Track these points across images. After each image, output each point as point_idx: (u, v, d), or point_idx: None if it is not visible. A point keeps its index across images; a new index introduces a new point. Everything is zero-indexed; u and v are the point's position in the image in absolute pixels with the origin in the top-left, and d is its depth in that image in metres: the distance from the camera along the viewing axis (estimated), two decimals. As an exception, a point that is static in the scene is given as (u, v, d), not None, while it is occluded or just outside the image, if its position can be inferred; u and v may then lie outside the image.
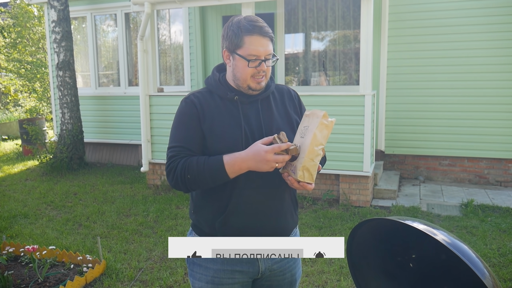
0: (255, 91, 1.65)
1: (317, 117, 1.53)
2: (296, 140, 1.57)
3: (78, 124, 7.77)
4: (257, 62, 1.58)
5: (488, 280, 1.26)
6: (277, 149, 1.44)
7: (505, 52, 6.02)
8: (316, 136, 1.49)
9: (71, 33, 7.63)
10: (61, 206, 5.68)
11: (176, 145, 1.62)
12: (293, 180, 1.52)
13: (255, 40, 1.56)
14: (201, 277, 1.70)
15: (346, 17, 6.97)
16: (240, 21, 1.59)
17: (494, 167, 6.36)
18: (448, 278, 1.49)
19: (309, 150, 1.48)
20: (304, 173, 1.49)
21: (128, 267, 3.80)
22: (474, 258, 1.31)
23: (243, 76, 1.61)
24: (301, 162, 1.49)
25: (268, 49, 1.58)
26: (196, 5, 5.82)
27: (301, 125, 1.60)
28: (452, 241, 1.37)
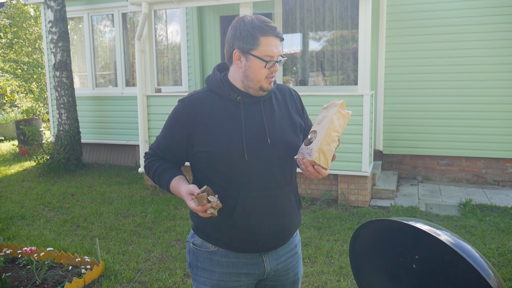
0: (265, 92, 1.64)
1: (335, 105, 1.56)
2: (314, 127, 1.58)
3: (75, 125, 7.74)
4: (272, 63, 1.58)
5: (493, 280, 1.26)
6: (195, 210, 1.46)
7: (503, 52, 6.03)
8: (334, 122, 1.50)
9: (68, 34, 7.59)
10: (59, 207, 5.64)
11: (157, 139, 1.74)
12: (308, 163, 1.49)
13: (270, 41, 1.55)
14: (206, 281, 1.69)
15: (343, 17, 6.97)
16: (254, 22, 1.56)
17: (492, 166, 6.37)
18: (451, 278, 1.49)
19: (326, 133, 1.48)
20: (320, 155, 1.47)
21: (127, 269, 3.78)
22: (478, 258, 1.31)
23: (258, 77, 1.59)
24: (317, 145, 1.48)
25: (280, 50, 1.59)
26: (194, 5, 5.81)
27: (319, 116, 1.62)
28: (456, 241, 1.36)
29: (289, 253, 1.76)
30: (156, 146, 1.73)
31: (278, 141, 1.63)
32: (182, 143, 1.64)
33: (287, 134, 1.67)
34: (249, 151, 1.58)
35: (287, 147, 1.65)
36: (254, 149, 1.59)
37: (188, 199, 1.49)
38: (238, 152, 1.57)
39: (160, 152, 1.72)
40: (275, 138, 1.63)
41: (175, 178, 1.63)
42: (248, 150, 1.57)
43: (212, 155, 1.58)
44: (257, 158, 1.59)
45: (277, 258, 1.71)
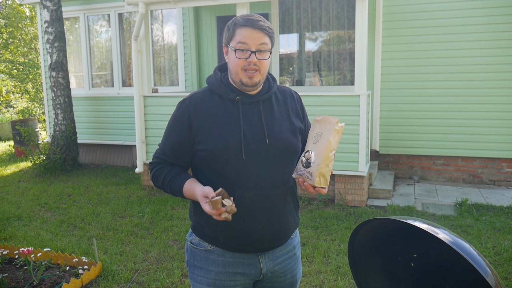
0: (248, 87, 1.61)
1: (330, 123, 1.58)
2: (308, 146, 1.61)
3: (71, 125, 7.72)
4: (246, 53, 1.56)
5: (491, 278, 1.27)
6: (210, 214, 1.45)
7: (499, 52, 6.07)
8: (331, 143, 1.55)
9: (64, 34, 7.57)
10: (55, 207, 5.63)
11: (160, 146, 1.72)
12: (309, 185, 1.56)
13: (245, 31, 1.56)
14: (202, 280, 1.69)
15: (340, 17, 6.99)
16: (237, 18, 1.61)
17: (488, 166, 6.41)
18: (450, 277, 1.50)
19: (325, 156, 1.53)
20: (321, 178, 1.54)
21: (124, 269, 3.78)
22: (476, 256, 1.32)
23: (235, 68, 1.60)
24: (317, 169, 1.53)
25: (259, 41, 1.56)
26: (191, 5, 5.81)
27: (312, 130, 1.64)
28: (454, 239, 1.37)
29: (286, 255, 1.76)
30: (161, 152, 1.70)
31: (276, 141, 1.63)
32: (186, 143, 1.64)
33: (285, 135, 1.67)
34: (246, 150, 1.58)
35: (285, 148, 1.66)
36: (251, 149, 1.59)
37: (203, 202, 1.48)
38: (236, 151, 1.58)
39: (166, 157, 1.68)
40: (273, 139, 1.63)
41: (187, 181, 1.61)
42: (245, 149, 1.58)
43: (210, 154, 1.59)
44: (254, 158, 1.59)
45: (274, 259, 1.71)
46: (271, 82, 1.74)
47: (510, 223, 4.69)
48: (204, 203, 1.47)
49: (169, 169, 1.67)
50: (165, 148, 1.69)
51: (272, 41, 1.62)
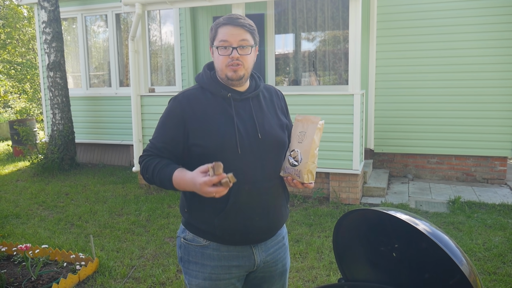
0: (234, 81, 1.67)
1: (313, 123, 1.67)
2: (293, 145, 1.69)
3: (69, 125, 7.77)
4: (228, 50, 1.63)
5: (465, 267, 1.33)
6: (209, 183, 1.43)
7: (492, 52, 6.14)
8: (315, 141, 1.65)
9: (61, 34, 7.63)
10: (53, 206, 5.68)
11: (151, 141, 1.74)
12: (298, 182, 1.67)
13: (226, 29, 1.63)
14: (198, 275, 1.73)
15: (335, 17, 7.06)
16: (219, 19, 1.68)
17: (481, 164, 6.49)
18: (429, 266, 1.57)
19: (311, 154, 1.63)
20: (309, 175, 1.64)
21: (121, 265, 3.84)
22: (453, 246, 1.39)
23: (220, 65, 1.67)
24: (305, 167, 1.63)
25: (240, 37, 1.62)
26: (187, 5, 5.87)
27: (295, 130, 1.72)
28: (432, 230, 1.44)
29: (277, 245, 1.82)
30: (152, 146, 1.71)
31: (267, 136, 1.70)
32: (179, 139, 1.68)
33: (275, 130, 1.74)
34: (241, 145, 1.64)
35: (276, 142, 1.73)
36: (246, 144, 1.65)
37: (199, 176, 1.47)
38: (231, 147, 1.63)
39: (157, 151, 1.69)
40: (265, 134, 1.70)
41: (177, 169, 1.61)
42: (240, 144, 1.64)
43: (206, 150, 1.64)
44: (249, 153, 1.65)
45: (266, 250, 1.77)
46: (257, 81, 1.81)
47: (501, 220, 4.77)
48: (202, 176, 1.47)
49: (159, 160, 1.67)
50: (156, 143, 1.70)
51: (254, 37, 1.68)
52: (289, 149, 1.72)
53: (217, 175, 1.41)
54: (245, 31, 1.64)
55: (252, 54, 1.68)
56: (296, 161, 1.66)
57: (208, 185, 1.44)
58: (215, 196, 1.47)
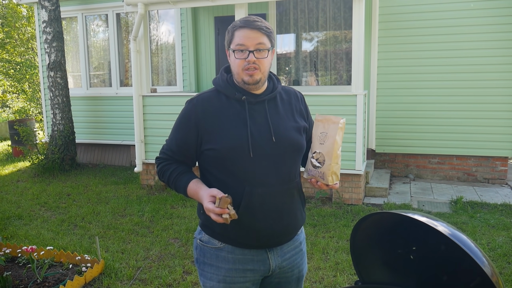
0: (250, 86, 1.67)
1: (334, 123, 1.65)
2: (315, 147, 1.68)
3: (69, 125, 7.75)
4: (245, 53, 1.62)
5: (487, 268, 1.33)
6: (211, 211, 1.51)
7: (493, 53, 6.17)
8: (337, 142, 1.63)
9: (62, 34, 7.60)
10: (55, 207, 5.66)
11: (166, 143, 1.79)
12: (322, 184, 1.66)
13: (243, 32, 1.63)
14: (213, 277, 1.73)
15: (336, 18, 7.06)
16: (235, 21, 1.68)
17: (482, 164, 6.51)
18: (447, 268, 1.57)
19: (334, 155, 1.62)
20: (333, 177, 1.63)
21: (127, 266, 3.83)
22: (474, 247, 1.38)
23: (236, 69, 1.66)
24: (329, 169, 1.62)
25: (257, 41, 1.61)
26: (190, 6, 5.86)
27: (316, 130, 1.70)
28: (452, 232, 1.44)
29: (294, 250, 1.81)
30: (168, 148, 1.77)
31: (282, 139, 1.69)
32: (193, 142, 1.70)
33: (291, 133, 1.72)
34: (254, 149, 1.63)
35: (291, 145, 1.71)
36: (259, 147, 1.64)
37: (207, 199, 1.55)
38: (243, 150, 1.63)
39: (172, 154, 1.75)
40: (280, 137, 1.68)
41: (193, 181, 1.68)
42: (253, 148, 1.63)
43: (219, 153, 1.64)
44: (262, 156, 1.65)
45: (282, 255, 1.76)
46: (275, 82, 1.80)
47: (504, 220, 4.79)
48: (209, 200, 1.53)
49: (175, 167, 1.74)
50: (171, 145, 1.75)
51: (271, 40, 1.67)
52: (311, 150, 1.70)
53: (220, 207, 1.50)
54: (262, 34, 1.63)
55: (269, 57, 1.68)
56: (319, 163, 1.65)
57: (210, 211, 1.53)
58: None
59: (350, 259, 3.84)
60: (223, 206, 1.49)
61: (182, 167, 1.74)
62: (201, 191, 1.61)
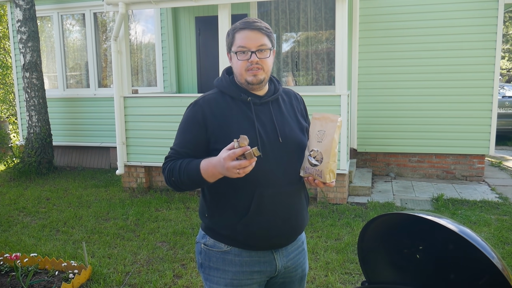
0: (254, 86, 1.66)
1: (332, 121, 1.65)
2: (313, 145, 1.66)
3: (46, 127, 7.54)
4: (247, 55, 1.62)
5: (497, 261, 1.36)
6: (232, 156, 1.39)
7: (471, 54, 6.34)
8: (335, 140, 1.62)
9: (37, 33, 7.39)
10: (35, 212, 5.50)
11: (173, 147, 1.71)
12: (319, 182, 1.64)
13: (243, 34, 1.63)
14: (219, 281, 1.71)
15: (317, 18, 7.12)
16: (235, 24, 1.67)
17: (460, 162, 6.68)
18: (454, 266, 1.60)
19: (332, 154, 1.61)
20: (330, 175, 1.62)
21: (115, 272, 3.75)
22: (482, 243, 1.41)
23: (239, 70, 1.66)
24: (326, 167, 1.60)
25: (258, 41, 1.62)
26: (172, 5, 5.79)
27: (313, 129, 1.69)
28: (460, 228, 1.46)
29: (297, 250, 1.82)
30: (174, 152, 1.69)
31: (288, 140, 1.69)
32: (202, 142, 1.66)
33: (296, 134, 1.74)
34: (263, 149, 1.63)
35: (297, 145, 1.72)
36: (267, 148, 1.64)
37: (224, 152, 1.43)
38: None
39: (179, 156, 1.67)
40: (286, 137, 1.69)
41: (203, 160, 1.57)
42: (262, 148, 1.63)
43: None
44: (270, 157, 1.64)
45: (287, 255, 1.77)
46: (276, 84, 1.81)
47: (484, 216, 4.93)
48: (231, 160, 1.40)
49: (182, 160, 1.64)
50: (179, 149, 1.68)
51: (271, 40, 1.68)
52: (308, 148, 1.69)
53: (241, 147, 1.37)
54: (263, 35, 1.64)
55: (271, 57, 1.68)
56: (317, 161, 1.63)
57: (232, 158, 1.39)
58: (239, 174, 1.42)
59: (340, 258, 3.88)
60: (242, 144, 1.37)
61: (190, 158, 1.64)
62: (213, 160, 1.50)
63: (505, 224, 4.69)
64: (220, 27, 5.59)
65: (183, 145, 1.68)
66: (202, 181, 1.55)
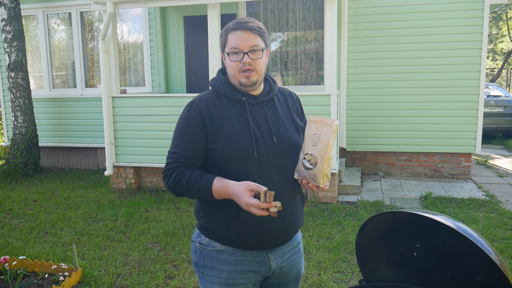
0: (247, 87, 1.66)
1: (328, 125, 1.63)
2: (308, 148, 1.65)
3: (32, 128, 7.42)
4: (239, 56, 1.61)
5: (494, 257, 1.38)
6: (257, 207, 1.45)
7: (458, 53, 6.43)
8: (330, 144, 1.61)
9: (23, 32, 7.27)
10: (22, 214, 5.41)
11: (174, 151, 1.68)
12: (313, 186, 1.63)
13: (235, 35, 1.62)
14: (214, 280, 1.71)
15: (306, 18, 7.14)
16: (228, 24, 1.66)
17: (447, 161, 6.77)
18: (451, 263, 1.61)
19: (327, 158, 1.60)
20: (324, 179, 1.61)
21: (106, 273, 3.71)
22: (480, 239, 1.43)
23: (232, 72, 1.65)
24: (321, 171, 1.59)
25: (251, 42, 1.60)
26: (161, 5, 5.75)
27: (309, 132, 1.67)
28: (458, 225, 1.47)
29: (292, 250, 1.82)
30: (177, 156, 1.67)
31: (283, 140, 1.69)
32: (202, 142, 1.65)
33: (291, 134, 1.73)
34: (257, 149, 1.63)
35: (292, 146, 1.72)
36: (262, 148, 1.64)
37: (246, 195, 1.48)
38: (248, 151, 1.62)
39: (184, 160, 1.66)
40: (280, 137, 1.69)
41: (216, 178, 1.59)
42: (257, 148, 1.63)
43: (223, 154, 1.62)
44: (265, 157, 1.65)
45: (282, 255, 1.77)
46: (271, 84, 1.80)
47: (472, 214, 5.00)
48: (249, 196, 1.47)
49: (191, 171, 1.63)
50: (182, 152, 1.66)
51: (265, 40, 1.67)
52: (303, 151, 1.68)
53: (268, 202, 1.44)
54: (255, 35, 1.63)
55: (264, 57, 1.68)
56: (311, 165, 1.63)
57: (255, 207, 1.46)
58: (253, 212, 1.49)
59: (331, 257, 3.90)
60: (270, 200, 1.44)
61: (198, 170, 1.65)
62: (231, 187, 1.54)
63: (493, 221, 4.76)
64: (210, 27, 5.57)
65: (187, 147, 1.66)
66: (211, 198, 1.60)
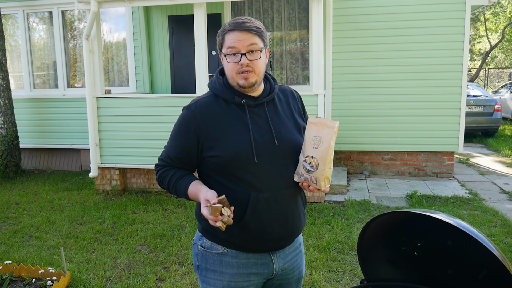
0: (246, 89, 1.63)
1: (329, 127, 1.61)
2: (308, 150, 1.63)
3: (13, 129, 7.25)
4: (237, 57, 1.58)
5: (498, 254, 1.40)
6: (207, 216, 1.47)
7: (441, 54, 6.54)
8: (331, 146, 1.60)
9: (2, 32, 7.09)
10: (4, 217, 5.27)
11: (165, 149, 1.74)
12: (314, 188, 1.62)
13: (233, 35, 1.58)
14: (217, 283, 1.70)
15: (291, 19, 7.16)
16: (225, 24, 1.63)
17: (431, 160, 6.89)
18: (451, 261, 1.64)
19: (328, 160, 1.59)
20: (325, 181, 1.61)
21: (95, 277, 3.65)
22: (481, 235, 1.45)
23: (230, 73, 1.62)
24: (322, 174, 1.59)
25: (248, 42, 1.57)
26: (145, 4, 5.69)
27: (309, 134, 1.65)
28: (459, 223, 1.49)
29: (294, 252, 1.81)
30: (166, 155, 1.72)
31: (284, 142, 1.67)
32: (193, 149, 1.65)
33: (292, 135, 1.71)
34: (258, 153, 1.61)
35: (293, 147, 1.69)
36: (262, 151, 1.62)
37: (203, 205, 1.51)
38: (247, 155, 1.59)
39: (170, 161, 1.71)
40: (282, 139, 1.66)
41: (192, 183, 1.63)
42: (257, 152, 1.60)
43: (222, 160, 1.60)
44: (265, 160, 1.62)
45: (284, 257, 1.76)
46: (272, 83, 1.77)
47: (457, 212, 5.10)
48: (204, 206, 1.49)
49: (175, 171, 1.69)
50: (170, 153, 1.71)
51: (264, 39, 1.63)
52: (303, 153, 1.66)
53: (213, 215, 1.45)
54: (253, 35, 1.59)
55: (262, 57, 1.64)
56: (312, 168, 1.61)
57: (206, 217, 1.49)
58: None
59: (322, 256, 3.91)
60: (214, 214, 1.44)
61: (181, 171, 1.70)
62: (200, 194, 1.57)
63: (477, 219, 4.86)
64: (196, 27, 5.53)
65: (174, 150, 1.71)
66: (189, 199, 1.67)
